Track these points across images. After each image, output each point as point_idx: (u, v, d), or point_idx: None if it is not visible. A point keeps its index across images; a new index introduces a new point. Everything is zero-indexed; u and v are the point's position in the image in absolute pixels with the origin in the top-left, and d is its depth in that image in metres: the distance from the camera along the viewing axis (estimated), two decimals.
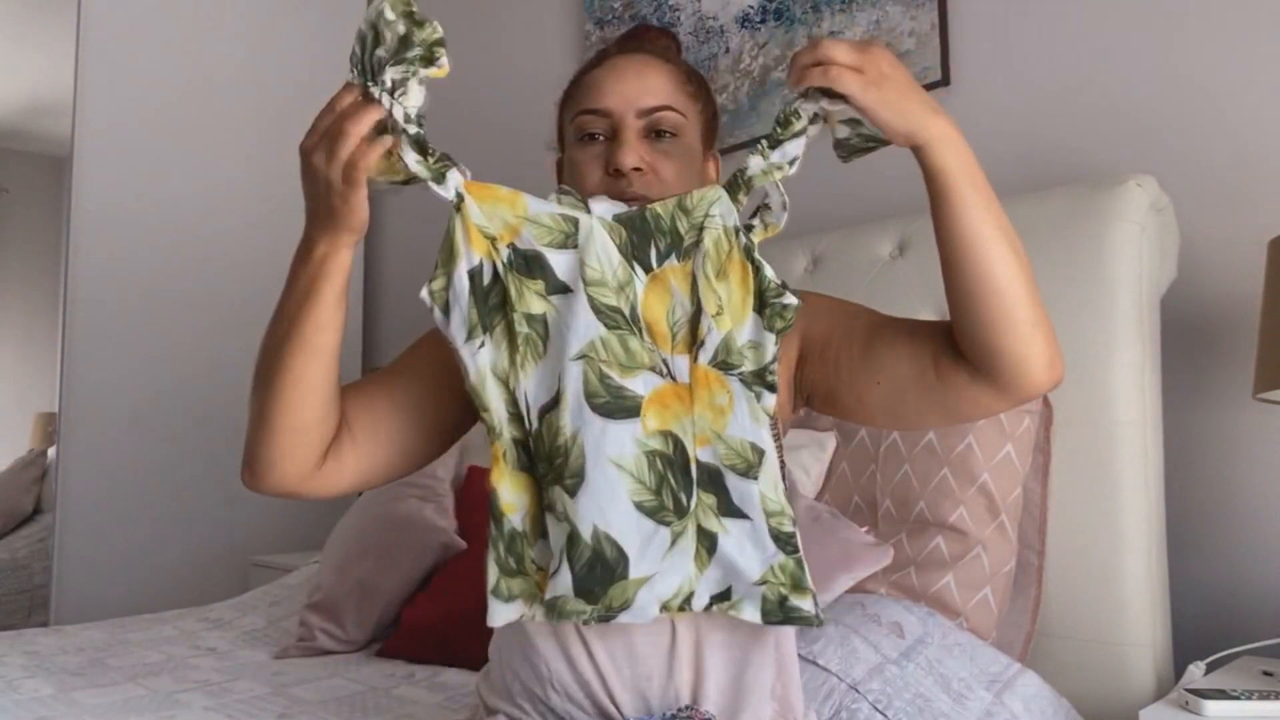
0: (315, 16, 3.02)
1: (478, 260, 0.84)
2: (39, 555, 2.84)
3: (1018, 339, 0.81)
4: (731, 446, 0.83)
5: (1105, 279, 1.37)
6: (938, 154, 0.80)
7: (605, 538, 0.79)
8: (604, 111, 0.93)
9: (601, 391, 0.81)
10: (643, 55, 0.96)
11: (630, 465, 0.80)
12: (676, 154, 0.93)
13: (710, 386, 0.83)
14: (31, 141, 3.18)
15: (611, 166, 0.91)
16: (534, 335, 0.84)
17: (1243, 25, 1.48)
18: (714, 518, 0.82)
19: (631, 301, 0.84)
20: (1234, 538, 1.45)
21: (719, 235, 0.85)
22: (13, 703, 1.37)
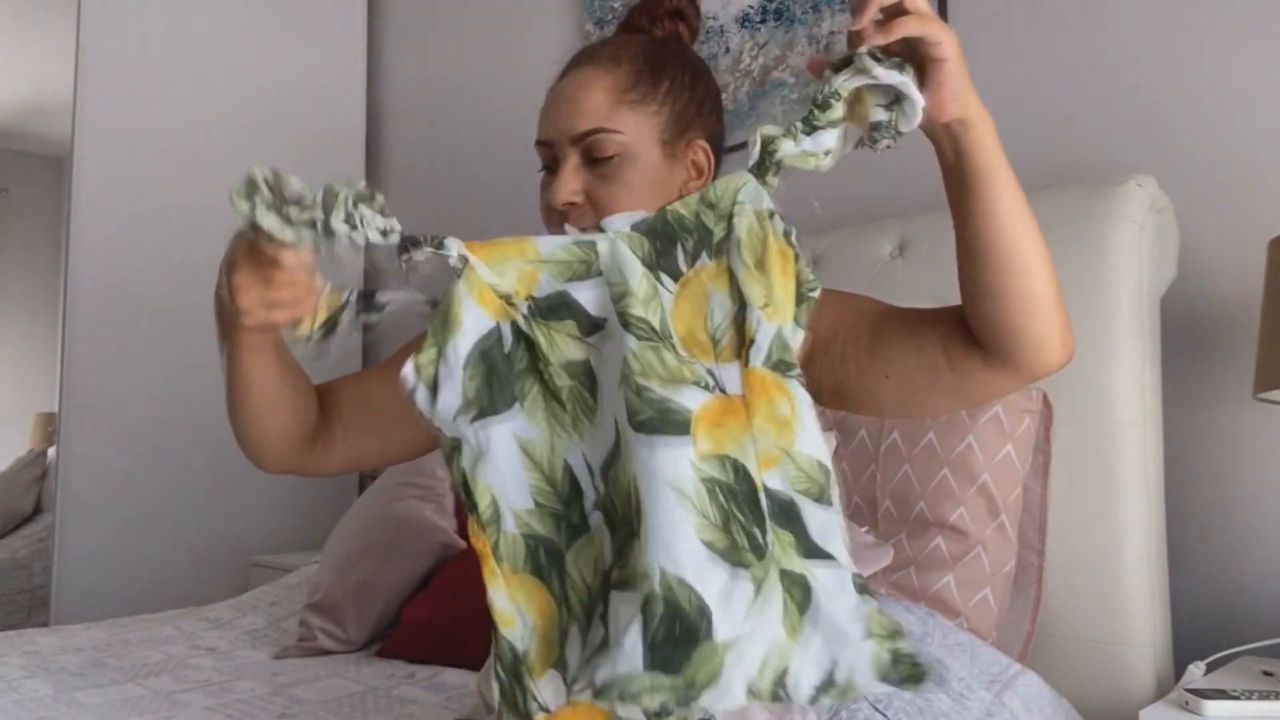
0: (315, 17, 3.02)
1: (492, 324, 0.72)
2: (39, 555, 2.84)
3: (1040, 319, 0.79)
4: (801, 466, 0.68)
5: (1105, 279, 1.37)
6: (981, 131, 0.77)
7: (679, 583, 0.62)
8: (544, 143, 0.93)
9: (643, 408, 0.67)
10: (585, 69, 0.93)
11: (690, 491, 0.65)
12: (620, 175, 0.90)
13: (769, 394, 0.69)
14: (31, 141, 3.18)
15: (547, 202, 0.91)
16: (579, 387, 0.72)
17: (1243, 26, 1.48)
18: (797, 560, 0.66)
19: (660, 316, 0.72)
20: (1234, 538, 1.45)
21: (751, 222, 0.73)
22: (13, 703, 1.37)
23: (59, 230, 2.65)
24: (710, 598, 0.62)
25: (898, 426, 1.43)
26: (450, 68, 2.95)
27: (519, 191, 2.66)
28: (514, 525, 0.70)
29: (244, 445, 0.93)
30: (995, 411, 1.35)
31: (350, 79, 3.10)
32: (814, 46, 1.99)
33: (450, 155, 2.93)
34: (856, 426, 1.49)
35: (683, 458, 0.65)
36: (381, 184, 3.16)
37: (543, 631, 0.69)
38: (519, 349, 0.73)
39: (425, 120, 3.04)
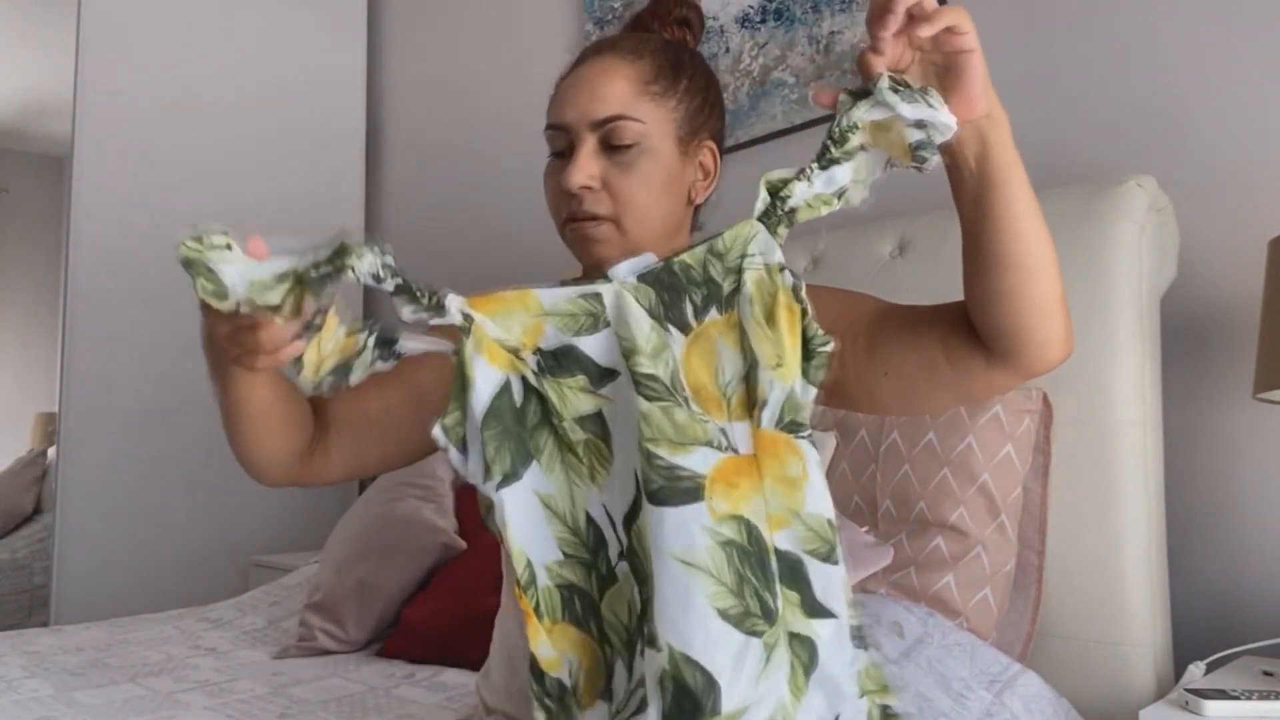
0: (315, 16, 3.02)
1: (502, 378, 0.72)
2: (39, 555, 2.84)
3: (1050, 320, 0.79)
4: (811, 527, 0.69)
5: (1105, 279, 1.37)
6: (1004, 128, 0.77)
7: (685, 660, 0.64)
8: (561, 126, 0.91)
9: (654, 476, 0.67)
10: (607, 57, 0.93)
11: (704, 561, 0.65)
12: (637, 164, 0.90)
13: (779, 454, 0.70)
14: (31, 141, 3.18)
15: (560, 187, 0.89)
16: (594, 439, 0.72)
17: (1243, 26, 1.48)
18: (802, 619, 0.68)
19: (671, 368, 0.71)
20: (1234, 538, 1.45)
21: (761, 275, 0.72)
22: (13, 703, 1.37)
23: (59, 230, 2.65)
24: (720, 668, 0.64)
25: (898, 426, 1.43)
26: (450, 67, 2.95)
27: (519, 191, 2.66)
28: (547, 579, 0.71)
29: (244, 464, 0.93)
30: (995, 411, 1.35)
31: (350, 79, 3.10)
32: (814, 46, 1.99)
33: (450, 155, 2.93)
34: (856, 426, 1.49)
35: (693, 525, 0.66)
36: (381, 184, 3.16)
37: (588, 668, 0.71)
38: (531, 402, 0.72)
39: (425, 120, 3.04)
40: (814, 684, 0.67)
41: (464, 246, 2.86)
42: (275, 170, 2.90)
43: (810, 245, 1.76)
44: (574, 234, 0.91)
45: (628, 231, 0.90)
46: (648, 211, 0.91)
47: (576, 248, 0.93)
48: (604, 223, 0.90)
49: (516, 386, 0.72)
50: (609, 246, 0.90)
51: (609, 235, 0.90)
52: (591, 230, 0.90)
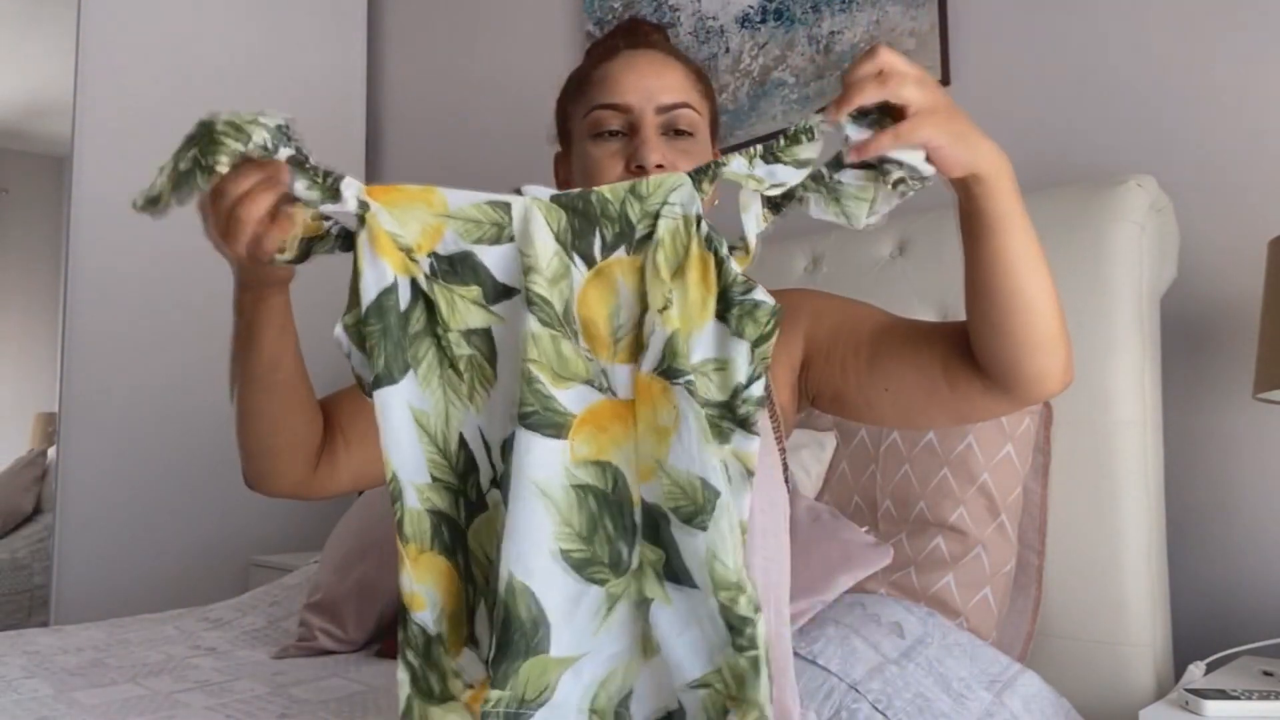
0: (315, 16, 3.02)
1: (391, 278, 0.67)
2: (39, 555, 2.84)
3: (1042, 354, 0.79)
4: (677, 482, 0.64)
5: (1105, 279, 1.37)
6: (994, 184, 0.75)
7: (522, 590, 0.61)
8: (623, 107, 0.91)
9: (529, 399, 0.64)
10: (655, 51, 0.95)
11: (557, 495, 0.63)
12: (694, 153, 0.91)
13: (654, 401, 0.66)
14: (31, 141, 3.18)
15: (634, 163, 0.89)
16: (479, 356, 0.68)
17: (1243, 26, 1.48)
18: (656, 580, 0.64)
19: (566, 297, 0.68)
20: (1234, 538, 1.45)
21: (676, 226, 0.69)
22: (13, 703, 1.37)
23: (59, 230, 2.65)
24: (551, 607, 0.61)
25: None
26: (450, 68, 2.95)
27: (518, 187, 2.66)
28: (416, 500, 0.67)
29: (256, 460, 0.89)
30: None
31: (350, 79, 3.10)
32: (814, 46, 1.99)
33: (450, 155, 2.93)
34: (856, 427, 1.49)
35: (555, 462, 0.63)
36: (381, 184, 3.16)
37: (451, 611, 0.67)
38: (416, 309, 0.68)
39: (425, 120, 3.04)
40: (662, 652, 0.63)
41: None
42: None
43: (811, 245, 1.76)
44: None
45: None
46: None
47: None
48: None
49: (405, 289, 0.67)
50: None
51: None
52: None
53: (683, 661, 0.63)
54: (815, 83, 1.98)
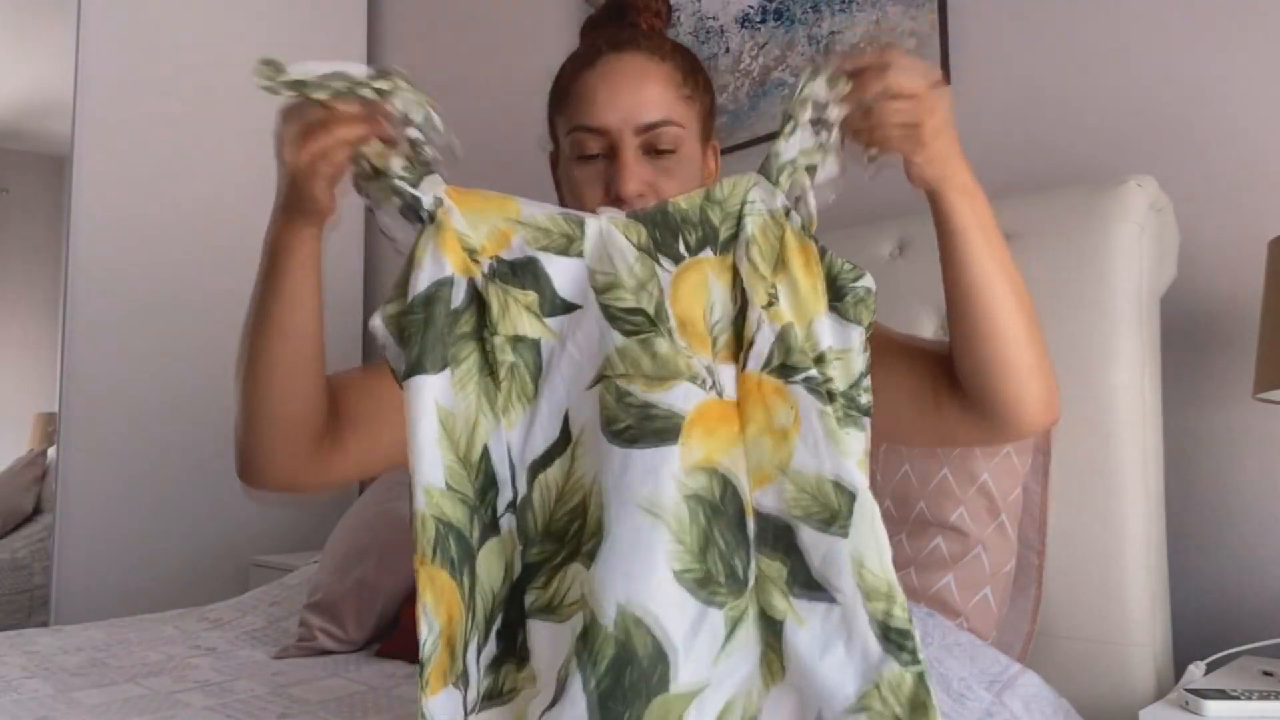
0: (315, 16, 3.02)
1: (448, 273, 0.65)
2: (39, 555, 2.84)
3: (1012, 382, 0.79)
4: (804, 487, 0.60)
5: (1105, 279, 1.37)
6: (956, 203, 0.75)
7: (636, 623, 0.54)
8: (600, 130, 0.88)
9: (621, 415, 0.59)
10: (635, 55, 0.91)
11: (668, 511, 0.57)
12: (678, 169, 0.90)
13: (766, 401, 0.61)
14: (31, 141, 3.18)
15: (612, 193, 0.87)
16: (522, 368, 0.65)
17: (1243, 25, 1.48)
18: (781, 596, 0.58)
19: (656, 298, 0.65)
20: (1234, 538, 1.45)
21: (765, 221, 0.69)
22: (13, 703, 1.37)
23: (59, 230, 2.65)
24: (674, 636, 0.54)
25: None
26: (450, 68, 2.95)
27: (519, 191, 2.65)
28: (424, 503, 0.61)
29: (254, 435, 0.84)
30: None
31: None
32: (814, 46, 1.99)
33: None
34: None
35: (663, 470, 0.57)
36: None
37: (448, 637, 0.61)
38: (468, 311, 0.65)
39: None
40: (791, 675, 0.56)
41: None
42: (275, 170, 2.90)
43: None
44: None
45: None
46: None
47: None
48: None
49: (460, 288, 0.65)
50: None
51: None
52: None
53: (831, 684, 0.55)
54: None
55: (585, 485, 0.59)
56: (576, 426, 0.62)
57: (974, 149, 1.96)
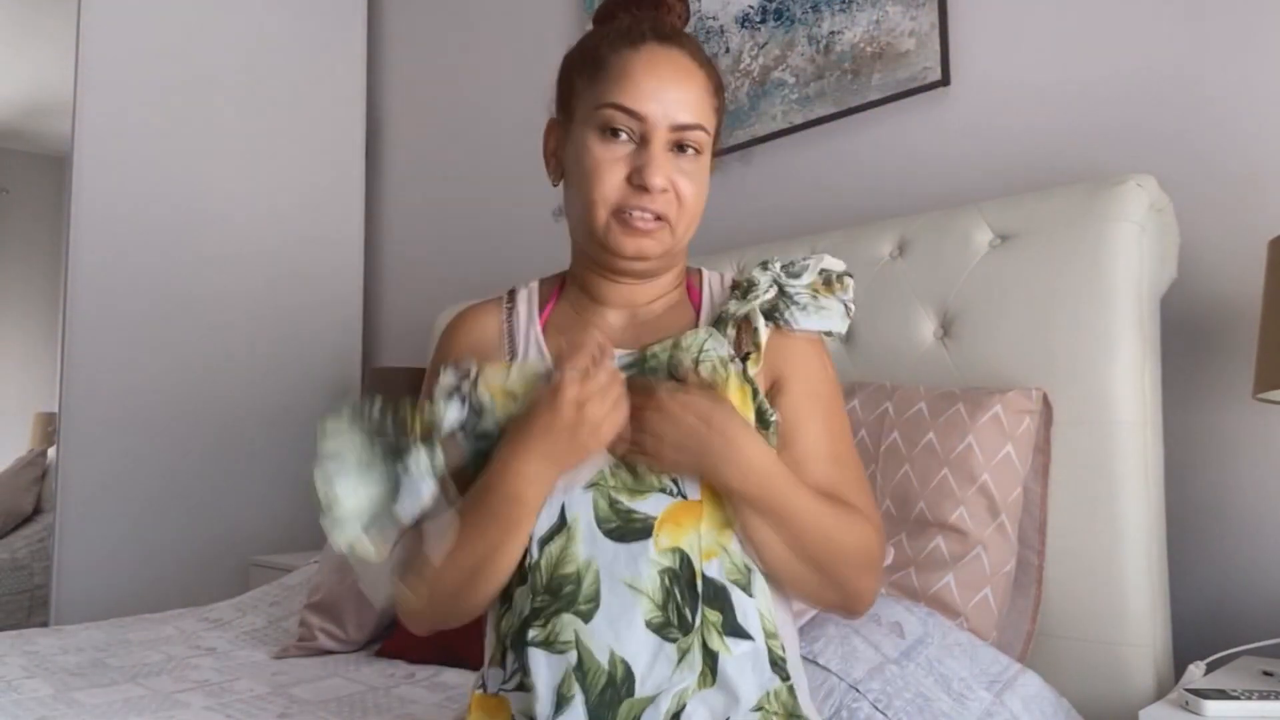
0: (315, 17, 3.03)
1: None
2: (39, 555, 2.84)
3: (794, 594, 0.92)
4: (735, 562, 0.85)
5: (1105, 279, 1.37)
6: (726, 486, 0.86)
7: (619, 660, 0.81)
8: (639, 115, 0.89)
9: (612, 517, 0.84)
10: (682, 54, 0.93)
11: (645, 586, 0.82)
12: (696, 174, 0.92)
13: (718, 500, 0.86)
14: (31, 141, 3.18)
15: (637, 179, 0.89)
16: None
17: (1243, 25, 1.48)
18: (717, 636, 0.83)
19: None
20: (1234, 538, 1.45)
21: (714, 365, 0.89)
22: (13, 703, 1.37)
23: (59, 230, 2.65)
24: (639, 665, 0.81)
25: (898, 426, 1.43)
26: (450, 67, 2.95)
27: (519, 191, 2.66)
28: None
29: (438, 621, 0.96)
30: (995, 411, 1.35)
31: (350, 80, 3.10)
32: (814, 46, 1.99)
33: (450, 155, 2.93)
34: (856, 427, 1.49)
35: (640, 559, 0.82)
36: (381, 184, 3.16)
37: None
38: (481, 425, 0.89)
39: (425, 120, 3.04)
40: (718, 685, 0.82)
41: (464, 246, 2.86)
42: (275, 170, 2.90)
43: (810, 245, 1.76)
44: (628, 224, 0.90)
45: (677, 234, 0.93)
46: (695, 217, 0.94)
47: (624, 239, 0.91)
48: (665, 224, 0.91)
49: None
50: (658, 245, 0.92)
51: (664, 236, 0.92)
52: (653, 227, 0.91)
53: (742, 694, 0.82)
54: (815, 83, 1.98)
55: (579, 560, 0.83)
56: (572, 515, 0.84)
57: (974, 149, 1.96)
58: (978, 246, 1.51)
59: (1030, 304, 1.42)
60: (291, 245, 2.91)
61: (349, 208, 3.06)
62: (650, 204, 0.89)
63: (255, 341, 2.81)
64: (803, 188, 2.02)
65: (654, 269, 0.96)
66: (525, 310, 1.01)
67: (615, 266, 0.94)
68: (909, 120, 1.85)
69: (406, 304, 3.04)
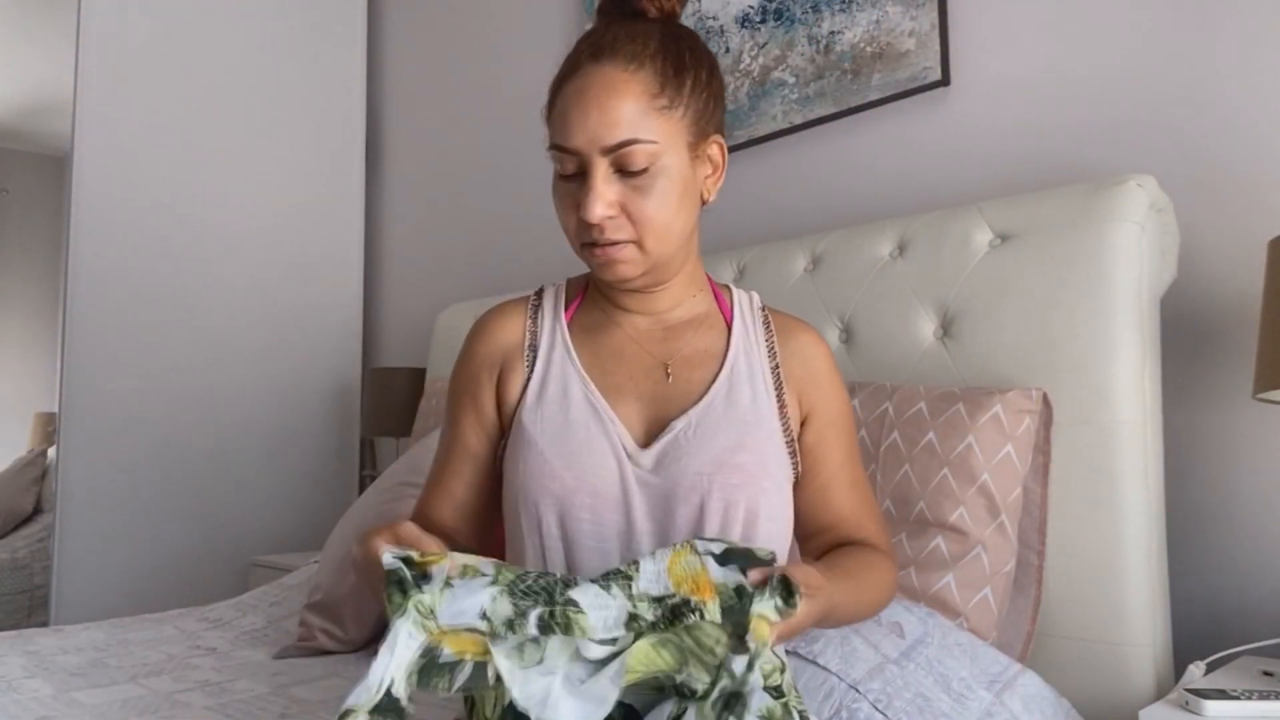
0: (315, 17, 3.02)
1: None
2: (39, 555, 2.84)
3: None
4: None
5: (1105, 279, 1.37)
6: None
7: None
8: (570, 150, 0.88)
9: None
10: (609, 69, 0.88)
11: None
12: (652, 186, 0.88)
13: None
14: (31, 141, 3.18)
15: (581, 213, 0.88)
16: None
17: (1243, 25, 1.48)
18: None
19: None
20: (1234, 538, 1.45)
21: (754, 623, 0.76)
22: (13, 703, 1.37)
23: (59, 230, 2.65)
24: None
25: (898, 426, 1.43)
26: (450, 68, 2.95)
27: (519, 191, 2.66)
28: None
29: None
30: (995, 411, 1.35)
31: (350, 79, 3.10)
32: (814, 46, 1.99)
33: (450, 155, 2.93)
34: (856, 427, 1.49)
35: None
36: (381, 184, 3.16)
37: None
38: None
39: (425, 121, 3.04)
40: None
41: (464, 247, 2.86)
42: (275, 171, 2.90)
43: (810, 245, 1.76)
44: (596, 259, 0.92)
45: (650, 251, 0.91)
46: (667, 228, 0.91)
47: (599, 270, 0.93)
48: (626, 246, 0.90)
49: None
50: (632, 267, 0.92)
51: (632, 256, 0.91)
52: (615, 254, 0.90)
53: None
54: (815, 83, 1.98)
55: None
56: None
57: (974, 149, 1.96)
58: (978, 246, 1.51)
59: (1030, 304, 1.42)
60: (291, 245, 2.91)
61: (349, 208, 3.06)
62: (599, 234, 0.89)
63: (255, 342, 2.81)
64: (803, 188, 2.02)
65: (649, 283, 0.96)
66: (551, 308, 1.02)
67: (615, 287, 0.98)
68: (909, 120, 1.85)
69: (406, 304, 3.04)
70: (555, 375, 0.97)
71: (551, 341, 0.99)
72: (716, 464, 0.89)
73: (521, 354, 0.99)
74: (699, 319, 1.00)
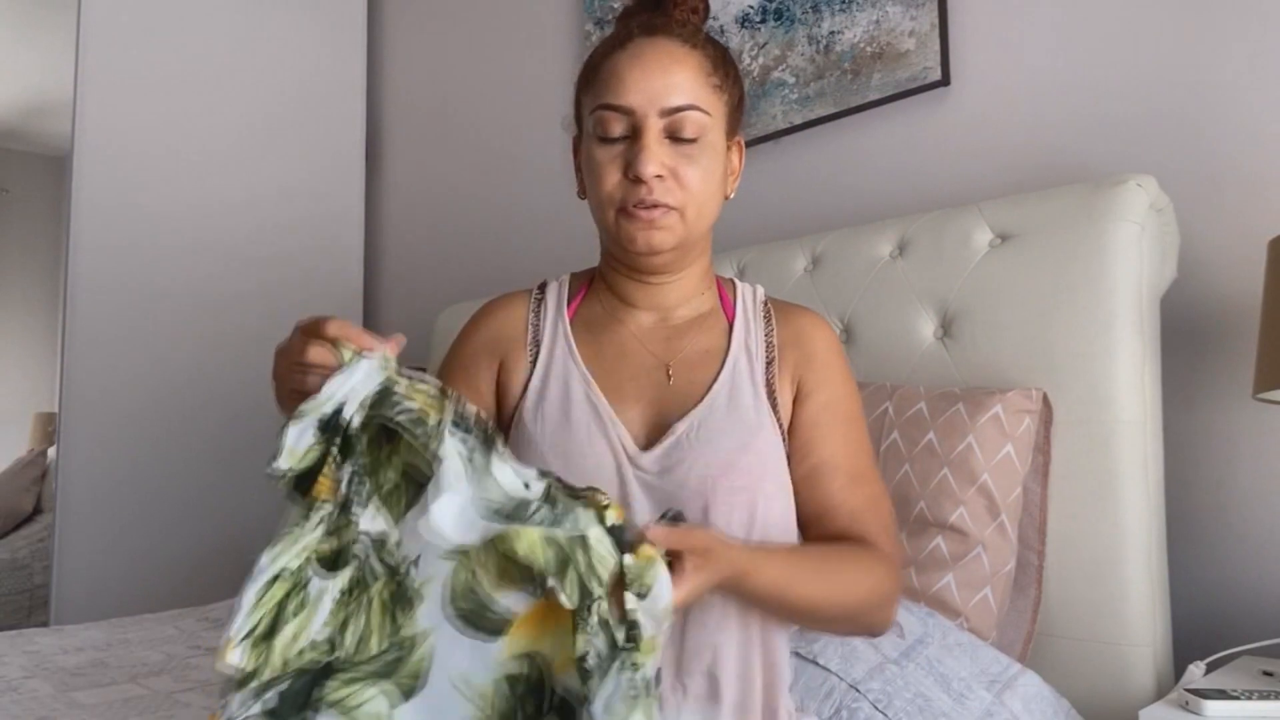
0: (315, 16, 3.02)
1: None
2: (39, 555, 2.84)
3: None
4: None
5: (1105, 279, 1.37)
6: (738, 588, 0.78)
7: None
8: (625, 109, 0.89)
9: (465, 594, 0.70)
10: (667, 41, 0.91)
11: (472, 692, 0.69)
12: (700, 157, 0.90)
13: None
14: (31, 141, 3.18)
15: (631, 173, 0.88)
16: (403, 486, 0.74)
17: (1244, 25, 1.48)
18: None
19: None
20: (1234, 538, 1.45)
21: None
22: (12, 703, 1.37)
23: (59, 230, 2.65)
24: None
25: (898, 426, 1.43)
26: (450, 68, 2.95)
27: (519, 191, 2.66)
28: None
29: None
30: (995, 411, 1.35)
31: (350, 79, 3.10)
32: (814, 46, 1.99)
33: (450, 154, 2.93)
34: None
35: (479, 658, 0.68)
36: (381, 184, 3.16)
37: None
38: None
39: (425, 120, 3.04)
40: None
41: (464, 246, 2.86)
42: (276, 170, 2.90)
43: (810, 245, 1.76)
44: (636, 221, 0.90)
45: (689, 223, 0.91)
46: (706, 204, 0.92)
47: (635, 233, 0.91)
48: (671, 212, 0.90)
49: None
50: (670, 235, 0.91)
51: (674, 225, 0.91)
52: (660, 218, 0.90)
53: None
54: (815, 83, 1.98)
55: (416, 627, 0.70)
56: (424, 574, 0.71)
57: (974, 149, 1.96)
58: (978, 246, 1.51)
59: (1030, 304, 1.42)
60: (291, 245, 2.91)
61: (349, 208, 3.06)
62: (647, 194, 0.89)
63: (255, 341, 2.81)
64: (803, 188, 2.02)
65: (673, 262, 0.95)
66: (554, 302, 1.02)
67: (637, 264, 0.95)
68: (909, 120, 1.85)
69: (406, 304, 3.04)
70: (557, 373, 0.97)
71: (554, 337, 0.99)
72: (721, 467, 0.89)
73: (524, 347, 0.99)
74: (702, 318, 1.00)
